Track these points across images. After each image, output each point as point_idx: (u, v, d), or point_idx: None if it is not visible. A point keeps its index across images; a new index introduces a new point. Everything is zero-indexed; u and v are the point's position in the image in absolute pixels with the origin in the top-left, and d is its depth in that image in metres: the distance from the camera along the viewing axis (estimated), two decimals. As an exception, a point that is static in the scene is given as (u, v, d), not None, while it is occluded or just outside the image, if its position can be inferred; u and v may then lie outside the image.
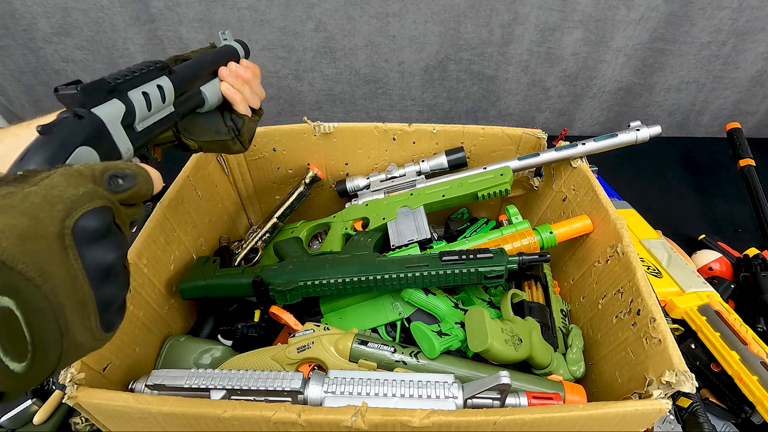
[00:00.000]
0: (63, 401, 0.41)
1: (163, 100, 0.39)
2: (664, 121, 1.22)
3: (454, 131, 0.72)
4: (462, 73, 1.12)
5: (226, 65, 0.49)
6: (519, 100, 1.18)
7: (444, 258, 0.56)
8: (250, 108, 0.51)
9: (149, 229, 0.55)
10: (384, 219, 0.70)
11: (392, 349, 0.53)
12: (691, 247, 0.85)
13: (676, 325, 0.64)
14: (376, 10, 1.00)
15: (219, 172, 0.73)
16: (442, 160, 0.71)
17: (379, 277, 0.56)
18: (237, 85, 0.48)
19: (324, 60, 1.09)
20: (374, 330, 0.60)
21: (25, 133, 0.35)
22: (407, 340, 0.59)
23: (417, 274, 0.55)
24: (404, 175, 0.74)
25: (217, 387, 0.45)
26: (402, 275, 0.56)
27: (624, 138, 0.65)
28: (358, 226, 0.73)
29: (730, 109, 1.20)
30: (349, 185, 0.75)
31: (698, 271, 0.75)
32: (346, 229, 0.73)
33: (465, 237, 0.68)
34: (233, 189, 0.77)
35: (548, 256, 0.57)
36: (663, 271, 0.70)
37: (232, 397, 0.45)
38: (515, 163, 0.68)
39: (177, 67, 0.42)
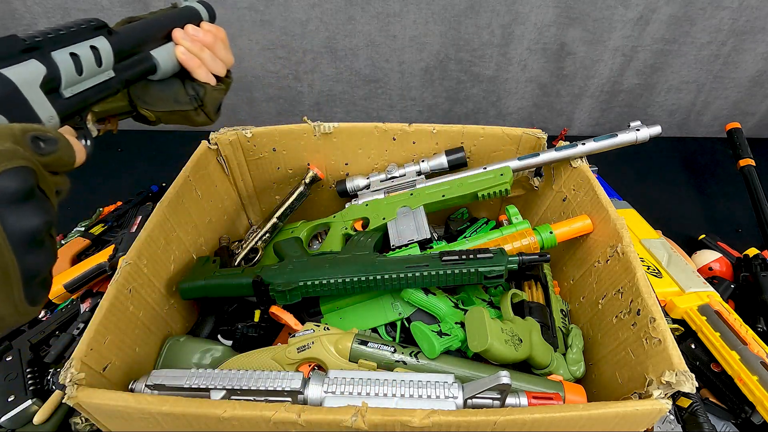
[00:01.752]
0: (63, 401, 0.41)
1: (99, 63, 0.34)
2: (664, 121, 1.22)
3: (454, 131, 0.72)
4: (462, 73, 1.12)
5: (183, 28, 0.44)
6: (519, 99, 1.18)
7: (444, 258, 0.56)
8: (215, 76, 0.46)
9: (149, 229, 0.55)
10: (384, 219, 0.70)
11: (392, 349, 0.53)
12: (691, 247, 0.85)
13: (676, 325, 0.64)
14: (376, 10, 1.00)
15: (219, 172, 0.73)
16: (442, 160, 0.71)
17: (379, 277, 0.56)
18: (195, 49, 0.44)
19: (324, 60, 1.10)
20: (374, 330, 0.60)
21: None
22: (407, 340, 0.59)
23: (417, 274, 0.55)
24: (404, 175, 0.74)
25: (217, 387, 0.45)
26: (402, 275, 0.56)
27: (624, 138, 0.65)
28: (358, 226, 0.73)
29: (730, 109, 1.20)
30: (349, 185, 0.75)
31: (698, 271, 0.75)
32: (346, 229, 0.73)
33: (465, 237, 0.68)
34: (233, 189, 0.77)
35: (548, 256, 0.57)
36: (663, 271, 0.70)
37: (232, 397, 0.45)
38: (515, 163, 0.68)
39: (120, 28, 0.38)
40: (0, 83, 0.26)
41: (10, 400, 0.57)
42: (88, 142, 0.36)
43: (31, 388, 0.59)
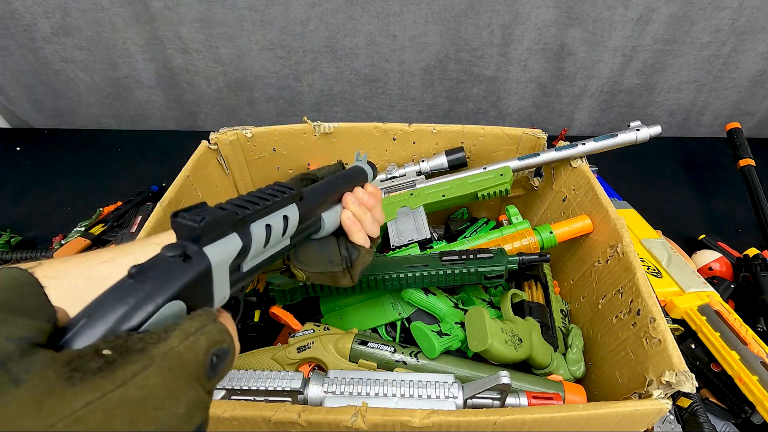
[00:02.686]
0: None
1: (284, 233, 0.31)
2: (664, 121, 1.22)
3: (454, 131, 0.72)
4: (462, 73, 1.12)
5: (352, 190, 0.44)
6: (519, 100, 1.18)
7: (444, 258, 0.56)
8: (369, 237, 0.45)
9: (149, 230, 0.55)
10: (384, 219, 0.70)
11: (392, 349, 0.53)
12: (691, 247, 0.85)
13: (676, 325, 0.64)
14: (376, 10, 1.00)
15: (219, 172, 0.73)
16: (442, 160, 0.71)
17: (379, 277, 0.56)
18: (359, 213, 0.43)
19: (324, 60, 1.09)
20: (374, 330, 0.60)
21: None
22: (407, 340, 0.59)
23: (417, 274, 0.55)
24: (404, 175, 0.74)
25: (217, 387, 0.45)
26: (402, 275, 0.56)
27: (624, 138, 0.65)
28: (358, 226, 0.73)
29: (730, 109, 1.19)
30: (349, 185, 0.75)
31: (698, 271, 0.75)
32: (346, 229, 0.73)
33: (465, 237, 0.68)
34: (233, 189, 0.77)
35: (548, 256, 0.57)
36: (663, 271, 0.70)
37: (232, 397, 0.45)
38: (515, 163, 0.68)
39: (306, 193, 0.36)
40: (199, 267, 0.21)
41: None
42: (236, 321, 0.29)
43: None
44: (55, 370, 0.14)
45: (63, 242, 0.83)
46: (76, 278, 0.27)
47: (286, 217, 0.31)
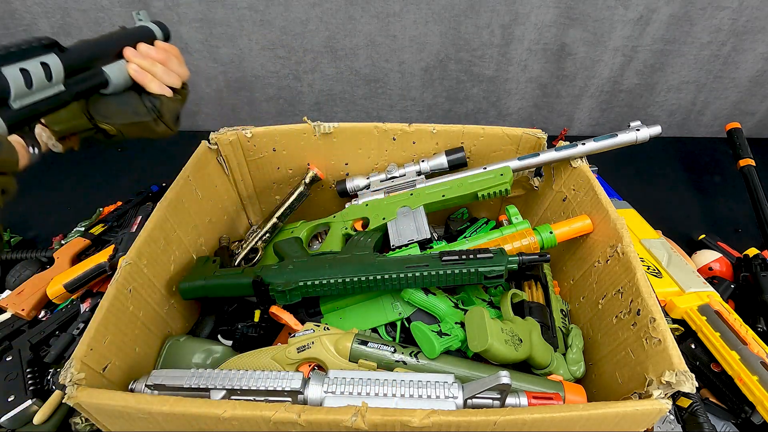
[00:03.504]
0: (63, 401, 0.41)
1: (49, 78, 0.37)
2: (664, 121, 1.22)
3: (454, 131, 0.72)
4: (462, 73, 1.12)
5: (135, 47, 0.48)
6: (519, 100, 1.18)
7: (444, 258, 0.56)
8: (172, 88, 0.49)
9: (149, 230, 0.55)
10: (384, 219, 0.70)
11: (392, 349, 0.53)
12: (691, 247, 0.85)
13: (676, 325, 0.64)
14: (377, 10, 1.00)
15: (219, 172, 0.73)
16: (442, 160, 0.71)
17: (379, 277, 0.56)
18: (146, 65, 0.47)
19: (324, 60, 1.10)
20: (374, 330, 0.60)
21: None
22: (407, 340, 0.59)
23: (417, 274, 0.55)
24: (404, 175, 0.74)
25: (217, 387, 0.45)
26: (402, 275, 0.56)
27: (624, 138, 0.65)
28: (358, 226, 0.73)
29: (730, 109, 1.20)
30: (349, 185, 0.75)
31: (698, 271, 0.75)
32: (346, 229, 0.73)
33: (465, 237, 0.68)
34: (233, 189, 0.77)
35: (548, 256, 0.57)
36: (663, 271, 0.70)
37: (232, 397, 0.45)
38: (515, 163, 0.68)
39: (72, 46, 0.41)
40: None
41: (10, 400, 0.57)
42: (36, 151, 0.39)
43: (31, 388, 0.59)
44: None
45: (63, 242, 0.83)
46: None
47: (45, 64, 0.36)
